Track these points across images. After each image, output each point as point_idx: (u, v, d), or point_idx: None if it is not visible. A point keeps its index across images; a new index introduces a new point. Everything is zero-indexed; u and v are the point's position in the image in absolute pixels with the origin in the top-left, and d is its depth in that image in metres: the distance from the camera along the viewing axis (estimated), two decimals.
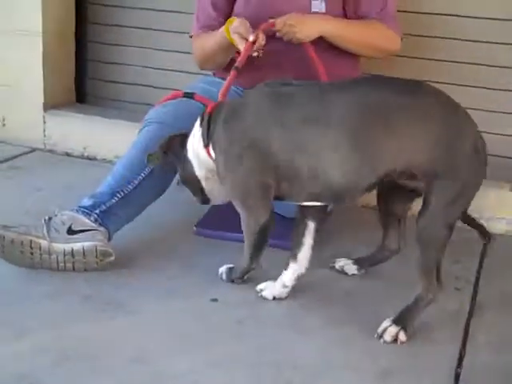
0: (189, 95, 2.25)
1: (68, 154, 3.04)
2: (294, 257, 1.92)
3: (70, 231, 1.97)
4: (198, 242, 2.23)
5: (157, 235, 2.25)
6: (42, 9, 2.95)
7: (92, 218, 2.01)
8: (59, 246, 1.94)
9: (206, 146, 1.89)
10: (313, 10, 2.25)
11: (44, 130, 3.07)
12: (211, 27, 2.29)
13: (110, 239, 2.04)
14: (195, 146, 1.92)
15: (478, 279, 2.11)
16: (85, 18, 3.21)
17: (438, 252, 1.77)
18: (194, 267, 2.07)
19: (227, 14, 2.30)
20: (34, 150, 3.07)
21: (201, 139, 1.90)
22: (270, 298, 1.91)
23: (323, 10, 2.24)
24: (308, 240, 1.92)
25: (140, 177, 2.10)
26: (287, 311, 1.86)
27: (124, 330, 1.74)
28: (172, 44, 3.01)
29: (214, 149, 1.87)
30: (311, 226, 1.92)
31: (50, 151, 3.07)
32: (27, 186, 2.61)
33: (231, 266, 2.01)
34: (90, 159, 3.01)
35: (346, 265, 2.09)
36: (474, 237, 2.41)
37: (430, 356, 1.71)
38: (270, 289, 1.92)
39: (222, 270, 2.01)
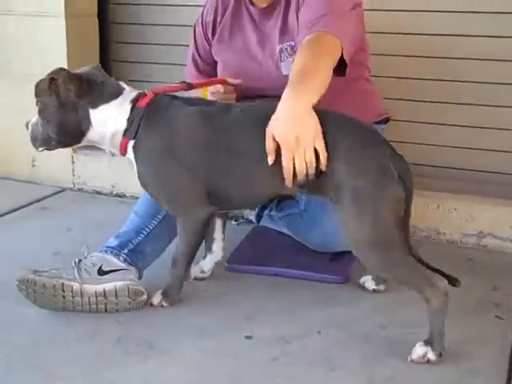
0: None
1: (97, 193, 3.06)
2: (210, 249, 2.17)
3: (101, 272, 1.96)
4: (229, 277, 2.20)
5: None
6: (67, 50, 2.98)
7: (121, 258, 2.00)
8: (91, 288, 1.93)
9: (129, 138, 1.89)
10: (284, 72, 2.13)
11: (73, 170, 3.10)
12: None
13: (140, 277, 2.03)
14: (112, 121, 1.89)
15: None
16: (109, 55, 3.24)
17: (389, 265, 1.76)
18: (226, 304, 2.04)
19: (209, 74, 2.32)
20: (63, 189, 3.09)
21: (123, 123, 1.89)
22: (192, 278, 2.14)
23: None
24: (218, 234, 2.16)
25: (163, 211, 2.09)
26: (322, 347, 1.81)
27: (156, 371, 1.70)
28: None
29: (136, 147, 1.90)
30: (219, 222, 2.16)
31: (80, 190, 3.09)
32: (58, 227, 2.62)
33: (159, 291, 2.00)
34: (120, 196, 3.01)
35: (366, 281, 2.12)
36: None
37: None
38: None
39: (157, 299, 1.99)
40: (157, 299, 2.00)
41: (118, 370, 1.70)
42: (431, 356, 1.71)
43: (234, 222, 2.60)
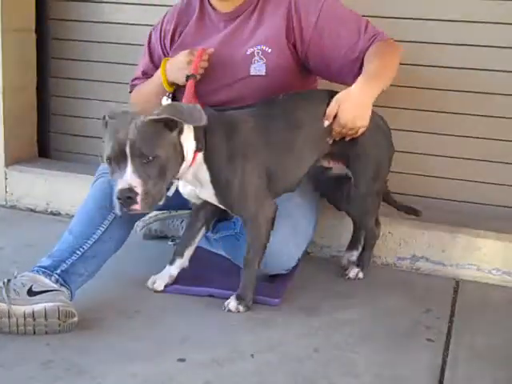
0: None
1: (31, 210, 2.99)
2: (181, 254, 2.20)
3: (31, 292, 1.90)
4: (162, 298, 2.17)
5: (120, 292, 2.19)
6: (3, 63, 2.93)
7: (53, 279, 1.95)
8: (19, 309, 1.87)
9: (199, 150, 1.95)
10: (251, 73, 2.20)
11: (6, 186, 3.01)
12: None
13: (71, 298, 1.99)
14: (189, 140, 1.93)
15: (450, 329, 2.07)
16: (47, 71, 3.19)
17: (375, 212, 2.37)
18: (158, 325, 2.01)
19: None
20: None
21: (192, 141, 1.93)
22: (162, 288, 2.18)
23: (263, 73, 2.20)
24: (196, 241, 2.21)
25: (99, 231, 2.07)
26: (255, 370, 1.80)
27: None
28: None
29: (209, 157, 1.96)
30: (203, 231, 2.21)
31: (12, 207, 3.01)
32: None
33: (233, 296, 2.09)
34: (54, 214, 2.95)
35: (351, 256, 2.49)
36: (443, 284, 2.42)
37: None
38: (160, 280, 2.19)
39: (233, 305, 2.07)
40: (233, 305, 2.07)
41: None
42: (361, 275, 2.37)
43: (170, 243, 2.58)
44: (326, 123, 2.09)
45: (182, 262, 2.21)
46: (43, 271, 1.97)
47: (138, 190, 1.77)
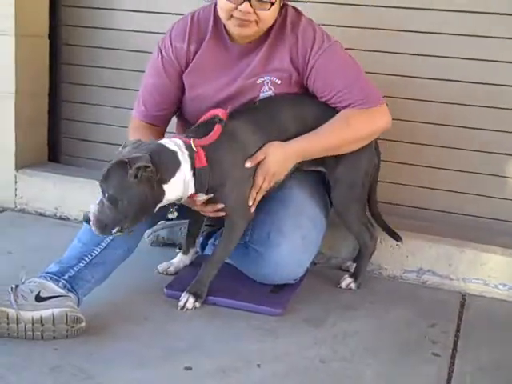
0: None
1: (40, 214, 3.00)
2: (187, 249, 2.41)
3: (39, 298, 1.91)
4: (170, 305, 2.17)
5: (128, 299, 2.20)
6: (16, 69, 2.94)
7: (61, 285, 1.97)
8: (27, 314, 1.88)
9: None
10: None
11: (15, 190, 3.03)
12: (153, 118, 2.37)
13: (79, 304, 2.00)
14: (184, 187, 2.02)
15: (455, 343, 2.08)
16: (59, 76, 3.21)
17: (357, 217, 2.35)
18: (166, 333, 2.02)
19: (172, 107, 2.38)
20: (4, 209, 3.02)
21: (192, 187, 2.04)
22: (174, 271, 2.40)
23: None
24: (198, 241, 2.44)
25: (108, 238, 2.07)
26: (261, 380, 1.81)
27: None
28: None
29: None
30: (201, 229, 2.41)
31: (21, 211, 3.02)
32: None
33: (187, 294, 2.17)
34: (63, 219, 2.96)
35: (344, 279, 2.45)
36: (449, 298, 2.42)
37: None
38: (173, 266, 2.41)
39: (187, 300, 2.16)
40: (191, 303, 2.16)
41: None
42: (353, 286, 2.38)
43: (177, 250, 2.58)
44: (248, 165, 2.11)
45: (184, 258, 2.42)
46: (51, 277, 1.98)
47: (92, 217, 1.96)
